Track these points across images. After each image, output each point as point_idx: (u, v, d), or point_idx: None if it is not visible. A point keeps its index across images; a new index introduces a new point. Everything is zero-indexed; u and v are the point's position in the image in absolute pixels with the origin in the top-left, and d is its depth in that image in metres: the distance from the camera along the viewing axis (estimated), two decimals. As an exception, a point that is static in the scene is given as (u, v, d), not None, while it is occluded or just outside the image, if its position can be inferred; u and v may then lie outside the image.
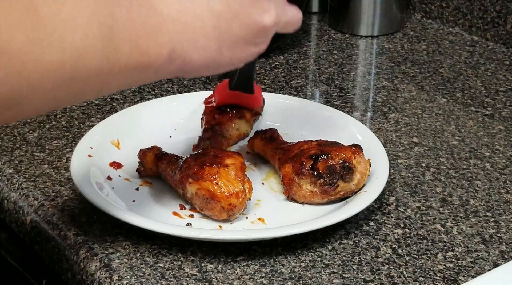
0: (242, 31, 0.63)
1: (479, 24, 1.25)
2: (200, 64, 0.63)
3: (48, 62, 0.52)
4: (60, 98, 0.56)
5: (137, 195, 0.81)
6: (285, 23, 0.68)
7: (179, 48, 0.60)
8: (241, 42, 0.64)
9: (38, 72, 0.52)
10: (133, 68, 0.58)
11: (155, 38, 0.58)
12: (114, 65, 0.56)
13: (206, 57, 0.62)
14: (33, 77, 0.52)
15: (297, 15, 0.69)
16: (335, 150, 0.79)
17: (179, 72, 0.63)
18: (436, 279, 0.70)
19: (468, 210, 0.81)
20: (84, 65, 0.54)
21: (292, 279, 0.70)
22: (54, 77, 0.53)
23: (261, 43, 0.66)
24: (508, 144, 0.94)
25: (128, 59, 0.57)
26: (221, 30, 0.62)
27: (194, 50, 0.61)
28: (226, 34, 0.62)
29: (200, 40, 0.61)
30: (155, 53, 0.59)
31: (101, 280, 0.70)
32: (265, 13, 0.64)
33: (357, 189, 0.79)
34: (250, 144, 0.87)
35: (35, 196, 0.81)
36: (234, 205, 0.75)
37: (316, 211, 0.79)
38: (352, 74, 1.14)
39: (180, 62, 0.61)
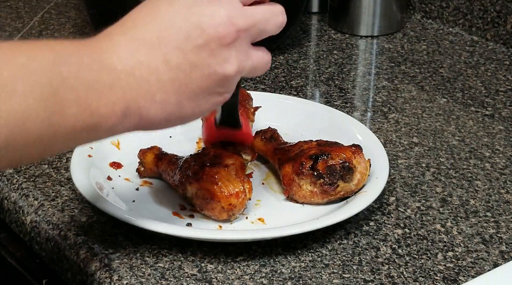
0: (202, 82, 0.60)
1: (479, 24, 1.25)
2: (160, 119, 0.60)
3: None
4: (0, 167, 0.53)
5: (137, 195, 0.81)
6: (251, 68, 0.64)
7: (134, 105, 0.58)
8: (202, 93, 0.61)
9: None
10: (81, 130, 0.55)
11: (107, 97, 0.56)
12: (59, 128, 0.54)
13: (165, 112, 0.60)
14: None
15: (264, 58, 0.65)
16: (335, 150, 0.79)
17: (136, 128, 0.60)
18: (436, 279, 0.70)
19: (468, 210, 0.81)
20: (23, 131, 0.51)
21: (292, 279, 0.70)
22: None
23: (225, 92, 0.63)
24: (508, 144, 0.94)
25: (75, 121, 0.54)
26: (180, 83, 0.59)
27: (151, 105, 0.59)
28: (185, 86, 0.60)
29: (157, 95, 0.59)
30: (106, 113, 0.56)
31: (101, 280, 0.70)
32: (225, 63, 0.61)
33: (357, 189, 0.79)
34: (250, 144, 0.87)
35: (35, 196, 0.81)
36: (234, 205, 0.75)
37: (316, 211, 0.79)
38: (352, 74, 1.14)
39: (136, 119, 0.59)
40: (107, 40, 0.58)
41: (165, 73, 0.59)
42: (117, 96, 0.56)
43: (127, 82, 0.57)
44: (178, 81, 0.59)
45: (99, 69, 0.56)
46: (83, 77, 0.54)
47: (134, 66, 0.58)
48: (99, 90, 0.55)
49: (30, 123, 0.51)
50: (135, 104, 0.58)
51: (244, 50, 0.62)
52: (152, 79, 0.58)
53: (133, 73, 0.57)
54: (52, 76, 0.53)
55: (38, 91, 0.52)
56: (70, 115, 0.54)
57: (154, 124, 0.61)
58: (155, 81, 0.58)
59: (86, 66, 0.55)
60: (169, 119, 0.61)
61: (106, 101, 0.56)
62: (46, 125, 0.52)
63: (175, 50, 0.59)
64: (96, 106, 0.55)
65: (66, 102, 0.53)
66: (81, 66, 0.55)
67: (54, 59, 0.53)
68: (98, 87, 0.55)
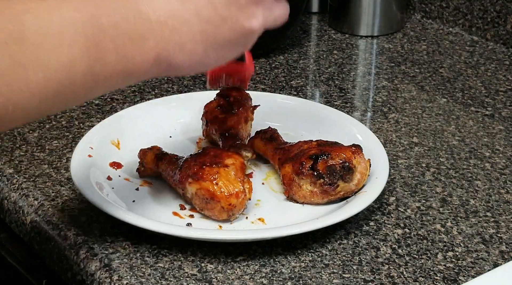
0: (229, 35, 0.64)
1: (479, 24, 1.25)
2: (186, 66, 0.63)
3: (33, 81, 0.53)
4: (43, 112, 0.57)
5: (137, 195, 0.81)
6: (273, 22, 0.68)
7: (165, 53, 0.61)
8: (227, 44, 0.65)
9: (23, 92, 0.52)
10: (118, 76, 0.59)
11: (141, 45, 0.59)
12: (99, 75, 0.57)
13: (192, 60, 0.63)
14: (19, 97, 0.52)
15: (284, 11, 0.69)
16: (335, 150, 0.79)
17: (163, 73, 0.64)
18: (436, 279, 0.70)
19: (468, 210, 0.81)
20: (70, 79, 0.55)
21: (292, 279, 0.70)
22: (39, 95, 0.54)
23: (247, 44, 0.67)
24: (508, 144, 0.94)
25: (113, 68, 0.58)
26: (208, 34, 0.63)
27: (180, 54, 0.62)
28: (213, 37, 0.63)
29: (187, 44, 0.62)
30: (140, 60, 0.59)
31: (101, 280, 0.70)
32: (253, 18, 0.65)
33: (357, 189, 0.79)
34: (250, 143, 0.87)
35: (35, 196, 0.81)
36: (234, 205, 0.75)
37: (316, 211, 0.79)
38: (352, 74, 1.14)
39: (166, 65, 0.62)
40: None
41: (196, 25, 0.62)
42: (150, 45, 0.59)
43: (160, 32, 0.60)
44: (206, 33, 0.62)
45: (135, 20, 0.59)
46: (121, 28, 0.58)
47: (167, 17, 0.60)
48: (134, 39, 0.58)
49: (76, 70, 0.55)
50: (166, 52, 0.61)
51: (269, 6, 0.66)
52: (183, 30, 0.61)
53: (166, 24, 0.60)
54: (94, 27, 0.56)
55: (82, 42, 0.55)
56: (109, 63, 0.57)
57: (181, 70, 0.64)
58: (186, 32, 0.61)
59: (124, 17, 0.58)
60: (194, 67, 0.64)
61: (140, 50, 0.59)
62: (89, 73, 0.56)
63: (206, 3, 0.62)
64: (132, 54, 0.58)
65: (106, 51, 0.57)
66: (119, 17, 0.58)
67: (95, 11, 0.56)
68: (134, 36, 0.58)
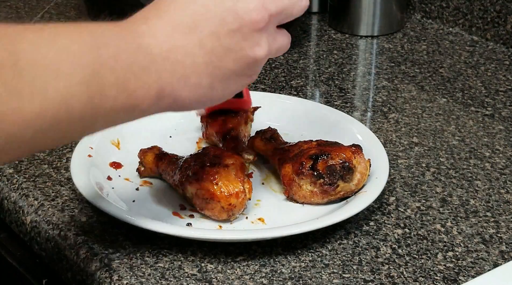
0: (234, 65, 0.62)
1: (479, 24, 1.25)
2: (192, 101, 0.62)
3: (28, 112, 0.50)
4: (38, 145, 0.54)
5: (137, 195, 0.81)
6: (277, 50, 0.66)
7: (168, 88, 0.59)
8: (233, 75, 0.63)
9: (17, 123, 0.50)
10: (119, 110, 0.57)
11: (143, 79, 0.57)
12: (99, 109, 0.55)
13: (197, 94, 0.61)
14: (12, 128, 0.50)
15: (286, 40, 0.68)
16: (335, 150, 0.79)
17: (168, 109, 0.62)
18: (436, 279, 0.70)
19: (468, 210, 0.81)
20: (67, 112, 0.52)
21: (292, 279, 0.70)
22: (34, 127, 0.51)
23: (253, 74, 0.65)
24: (508, 144, 0.94)
25: (114, 102, 0.56)
26: (213, 66, 0.61)
27: (184, 88, 0.60)
28: (218, 69, 0.62)
29: (191, 78, 0.60)
30: (142, 95, 0.57)
31: (101, 280, 0.70)
32: (257, 46, 0.63)
33: (357, 189, 0.79)
34: (250, 143, 0.87)
35: (35, 196, 0.81)
36: (234, 205, 0.75)
37: (316, 211, 0.79)
38: (352, 74, 1.14)
39: (170, 100, 0.60)
40: (143, 23, 0.60)
41: (200, 56, 0.60)
42: (153, 79, 0.58)
43: (163, 65, 0.58)
44: (211, 65, 0.61)
45: (136, 52, 0.57)
46: (121, 60, 0.56)
47: (170, 49, 0.59)
48: (136, 72, 0.57)
49: (74, 103, 0.53)
50: (169, 86, 0.59)
51: (273, 34, 0.65)
52: (187, 62, 0.60)
53: (168, 57, 0.59)
54: (92, 59, 0.54)
55: (81, 73, 0.53)
56: (109, 97, 0.55)
57: (186, 106, 0.62)
58: (189, 64, 0.60)
59: (124, 49, 0.56)
60: (200, 101, 0.63)
61: (142, 84, 0.57)
62: (88, 106, 0.54)
63: (210, 34, 0.61)
64: (133, 88, 0.56)
65: (106, 84, 0.55)
66: (119, 49, 0.56)
67: (93, 42, 0.55)
68: (135, 69, 0.57)
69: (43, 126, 0.52)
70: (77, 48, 0.53)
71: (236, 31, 0.61)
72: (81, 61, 0.53)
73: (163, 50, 0.59)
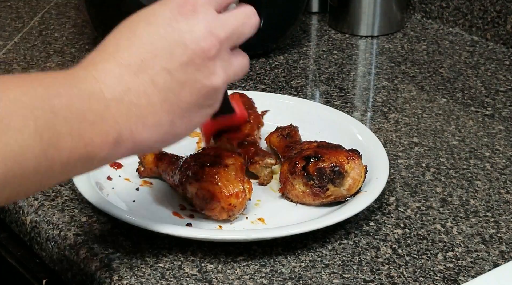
0: (192, 98, 0.60)
1: (479, 24, 1.25)
2: (153, 141, 0.60)
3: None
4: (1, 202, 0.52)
5: (137, 195, 0.81)
6: (234, 74, 0.64)
7: (126, 132, 0.58)
8: (193, 108, 0.61)
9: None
10: (77, 161, 0.55)
11: (99, 126, 0.55)
12: (55, 161, 0.53)
13: (158, 133, 0.60)
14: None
15: (243, 61, 0.65)
16: (330, 153, 0.78)
17: (130, 153, 0.60)
18: (436, 279, 0.70)
19: (468, 210, 0.81)
20: (19, 167, 0.51)
21: (292, 279, 0.70)
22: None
23: (214, 103, 0.63)
24: (508, 144, 0.94)
25: (70, 152, 0.54)
26: (170, 102, 0.59)
27: (143, 129, 0.59)
28: (176, 105, 0.60)
29: (149, 118, 0.59)
30: (99, 142, 0.56)
31: (101, 280, 0.70)
32: (212, 75, 0.61)
33: (349, 194, 0.78)
34: (267, 138, 0.88)
35: (35, 196, 0.81)
36: (234, 205, 0.75)
37: (316, 211, 0.79)
38: (352, 74, 1.14)
39: (130, 145, 0.58)
40: (92, 69, 0.58)
41: (155, 95, 0.59)
42: (109, 125, 0.56)
43: (117, 109, 0.57)
44: (168, 101, 0.59)
45: (89, 99, 0.55)
46: (74, 108, 0.54)
47: (123, 93, 0.57)
48: (90, 120, 0.55)
49: (27, 157, 0.51)
50: (127, 131, 0.58)
51: (227, 59, 0.62)
52: (142, 103, 0.58)
53: (122, 100, 0.57)
54: (44, 110, 0.52)
55: (32, 125, 0.51)
56: (65, 148, 0.53)
57: (148, 147, 0.61)
58: (145, 105, 0.58)
59: (76, 97, 0.55)
60: (163, 139, 0.61)
61: (98, 131, 0.55)
62: (42, 159, 0.52)
63: (161, 71, 0.59)
64: (89, 136, 0.55)
65: (60, 135, 0.53)
66: (71, 98, 0.54)
67: (45, 92, 0.53)
68: (89, 117, 0.55)
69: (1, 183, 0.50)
70: (28, 100, 0.52)
71: (188, 64, 0.59)
72: (33, 113, 0.51)
73: (116, 93, 0.57)
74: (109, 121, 0.56)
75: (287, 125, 0.88)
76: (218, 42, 0.61)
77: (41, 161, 0.52)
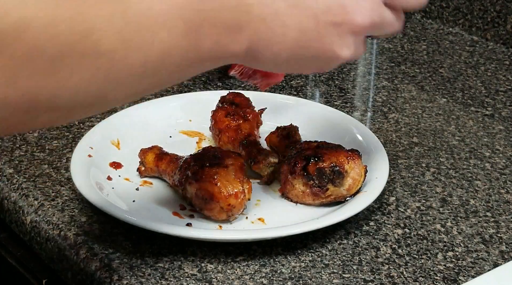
0: (316, 52, 0.63)
1: (479, 24, 1.25)
2: (267, 65, 0.64)
3: (134, 61, 0.53)
4: (139, 91, 0.57)
5: (137, 195, 0.81)
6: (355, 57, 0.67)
7: (254, 47, 0.60)
8: (310, 60, 0.64)
9: (124, 71, 0.52)
10: (209, 61, 0.59)
11: (236, 35, 0.59)
12: (194, 60, 0.57)
13: (274, 61, 0.63)
14: (119, 76, 0.52)
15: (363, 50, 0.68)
16: (330, 153, 0.78)
17: (246, 63, 0.64)
18: (436, 279, 0.70)
19: (468, 210, 0.81)
20: (168, 62, 0.55)
21: (292, 279, 0.70)
22: (138, 75, 0.54)
23: (326, 69, 0.67)
24: (508, 144, 0.94)
25: (207, 54, 0.58)
26: (300, 45, 0.62)
27: (266, 52, 0.61)
28: (301, 49, 0.62)
29: (275, 46, 0.61)
30: (232, 49, 0.59)
31: (101, 280, 0.70)
32: (346, 47, 0.64)
33: (349, 194, 0.78)
34: (268, 138, 0.88)
35: (35, 196, 0.81)
36: (233, 206, 0.75)
37: (316, 211, 0.78)
38: (352, 74, 1.14)
39: (251, 58, 0.62)
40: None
41: (292, 31, 0.61)
42: (245, 37, 0.59)
43: (258, 26, 0.60)
44: (298, 43, 0.62)
45: (236, 9, 0.58)
46: (221, 15, 0.57)
47: (269, 14, 0.60)
48: (231, 28, 0.58)
49: (171, 54, 0.55)
50: (255, 47, 0.60)
51: (361, 41, 0.66)
52: (278, 31, 0.61)
53: (264, 21, 0.60)
54: (195, 12, 0.55)
55: (182, 26, 0.55)
56: (204, 49, 0.57)
57: (262, 66, 0.64)
58: (279, 34, 0.61)
59: (226, 5, 0.58)
60: (273, 67, 0.65)
61: (234, 40, 0.59)
62: (185, 57, 0.56)
63: (311, 16, 0.61)
64: (226, 43, 0.58)
65: (203, 37, 0.56)
66: (222, 5, 0.57)
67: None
68: (231, 25, 0.58)
69: (146, 74, 0.54)
70: (183, 2, 0.55)
71: (335, 25, 0.62)
72: (183, 14, 0.55)
73: (263, 13, 0.60)
74: (246, 33, 0.59)
75: (287, 125, 0.88)
76: (370, 23, 0.64)
77: (183, 59, 0.56)
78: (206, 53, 0.58)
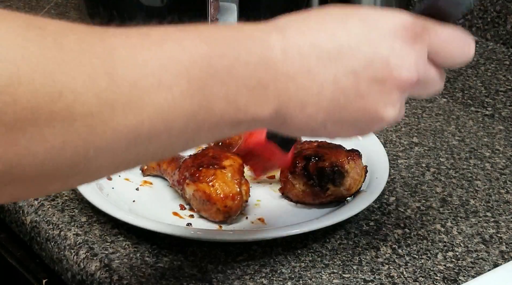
0: (357, 114, 0.55)
1: (479, 24, 1.25)
2: (298, 129, 0.55)
3: (121, 124, 0.45)
4: (131, 160, 0.49)
5: (137, 195, 0.81)
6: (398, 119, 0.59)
7: (284, 109, 0.53)
8: (349, 123, 0.56)
9: (107, 135, 0.45)
10: (225, 125, 0.51)
11: (259, 95, 0.51)
12: (204, 123, 0.49)
13: (307, 125, 0.55)
14: (101, 141, 0.45)
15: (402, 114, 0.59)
16: (330, 153, 0.78)
17: (274, 128, 0.56)
18: (436, 279, 0.70)
19: (468, 210, 0.81)
20: (166, 126, 0.47)
21: (292, 279, 0.70)
22: (126, 140, 0.46)
23: (368, 131, 0.58)
24: (508, 144, 0.94)
25: (221, 117, 0.50)
26: (336, 105, 0.54)
27: (298, 115, 0.54)
28: (339, 110, 0.54)
29: (308, 108, 0.53)
30: (255, 111, 0.51)
31: (101, 280, 0.70)
32: (391, 106, 0.56)
33: (349, 194, 0.78)
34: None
35: (35, 196, 0.81)
36: (230, 207, 0.74)
37: (316, 211, 0.79)
38: (352, 74, 1.13)
39: (280, 122, 0.54)
40: (278, 33, 0.53)
41: (328, 91, 0.53)
42: (269, 97, 0.52)
43: (286, 85, 0.52)
44: (335, 103, 0.54)
45: (256, 65, 0.51)
46: (237, 72, 0.50)
47: (298, 72, 0.52)
48: (251, 87, 0.50)
49: (175, 116, 0.47)
50: (285, 109, 0.53)
51: (404, 101, 0.58)
52: (312, 91, 0.53)
53: (293, 79, 0.52)
54: (202, 70, 0.48)
55: (185, 85, 0.47)
56: (216, 111, 0.49)
57: (292, 131, 0.56)
58: (314, 94, 0.53)
59: (243, 60, 0.50)
60: (305, 132, 0.57)
61: (257, 100, 0.51)
62: (191, 120, 0.48)
63: (350, 72, 0.54)
64: (245, 103, 0.50)
65: (214, 98, 0.49)
66: (236, 61, 0.50)
67: (207, 51, 0.49)
68: (251, 83, 0.50)
69: (138, 141, 0.47)
70: (186, 58, 0.48)
71: (378, 81, 0.54)
72: (187, 72, 0.47)
73: (292, 70, 0.52)
74: (271, 93, 0.51)
75: None
76: (416, 81, 0.56)
77: (189, 122, 0.48)
78: (220, 115, 0.50)
